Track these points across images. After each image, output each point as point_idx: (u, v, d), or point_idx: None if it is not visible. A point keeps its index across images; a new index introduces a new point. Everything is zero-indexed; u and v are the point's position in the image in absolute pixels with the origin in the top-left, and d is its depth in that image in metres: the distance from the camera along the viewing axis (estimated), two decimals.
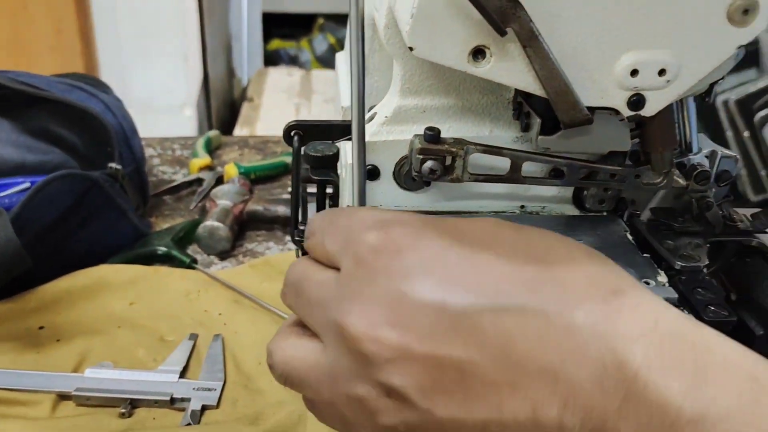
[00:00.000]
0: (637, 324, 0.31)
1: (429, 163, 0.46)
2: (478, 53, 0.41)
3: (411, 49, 0.41)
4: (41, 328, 0.77)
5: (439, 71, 0.50)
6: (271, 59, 3.25)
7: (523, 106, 0.49)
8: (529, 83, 0.42)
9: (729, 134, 1.96)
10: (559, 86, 0.41)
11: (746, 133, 1.91)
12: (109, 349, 0.75)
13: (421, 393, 0.33)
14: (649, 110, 0.43)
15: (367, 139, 0.50)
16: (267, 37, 3.22)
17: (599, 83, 0.42)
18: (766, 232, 0.51)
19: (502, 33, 0.38)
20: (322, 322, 0.37)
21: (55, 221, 0.79)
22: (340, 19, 3.21)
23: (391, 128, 0.52)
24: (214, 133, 1.19)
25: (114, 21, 2.17)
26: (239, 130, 2.28)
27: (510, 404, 0.32)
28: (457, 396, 0.32)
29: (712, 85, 0.46)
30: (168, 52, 2.22)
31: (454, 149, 0.46)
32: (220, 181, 1.05)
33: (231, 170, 1.05)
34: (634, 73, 0.42)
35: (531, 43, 0.39)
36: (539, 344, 0.31)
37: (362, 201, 0.52)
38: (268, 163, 1.09)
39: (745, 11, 0.40)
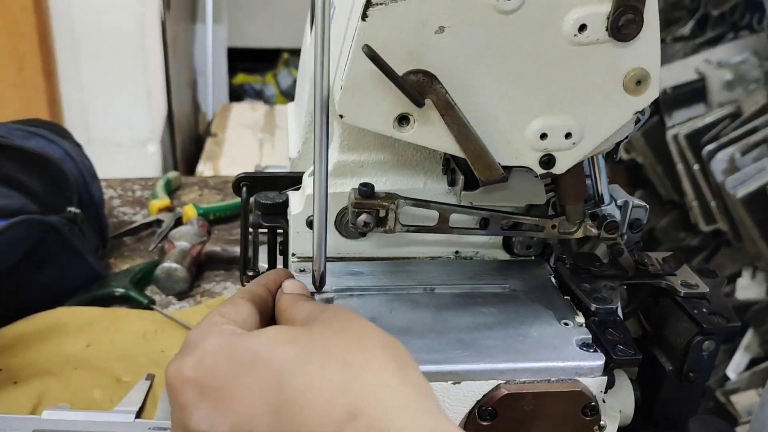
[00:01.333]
0: None
1: (363, 216, 0.50)
2: (402, 119, 0.45)
3: (341, 116, 0.45)
4: None
5: None
6: (237, 94, 3.29)
7: (450, 162, 0.53)
8: (450, 146, 0.46)
9: (680, 167, 2.03)
10: (476, 149, 0.45)
11: (696, 166, 1.98)
12: (66, 391, 0.77)
13: None
14: (559, 168, 0.48)
15: (309, 192, 0.54)
16: (232, 71, 3.27)
17: (513, 145, 0.46)
18: (675, 275, 0.56)
19: (419, 104, 0.43)
20: None
21: (13, 266, 0.81)
22: None
23: (332, 181, 0.56)
24: (173, 174, 1.21)
25: (77, 58, 2.19)
26: (202, 166, 2.30)
27: None
28: None
29: (618, 144, 0.51)
30: (131, 88, 2.24)
31: (386, 203, 0.50)
32: (179, 222, 1.08)
33: (190, 211, 1.07)
34: (543, 136, 0.46)
35: (448, 111, 0.44)
36: None
37: (322, 251, 0.52)
38: (226, 204, 1.12)
39: (639, 82, 0.45)
